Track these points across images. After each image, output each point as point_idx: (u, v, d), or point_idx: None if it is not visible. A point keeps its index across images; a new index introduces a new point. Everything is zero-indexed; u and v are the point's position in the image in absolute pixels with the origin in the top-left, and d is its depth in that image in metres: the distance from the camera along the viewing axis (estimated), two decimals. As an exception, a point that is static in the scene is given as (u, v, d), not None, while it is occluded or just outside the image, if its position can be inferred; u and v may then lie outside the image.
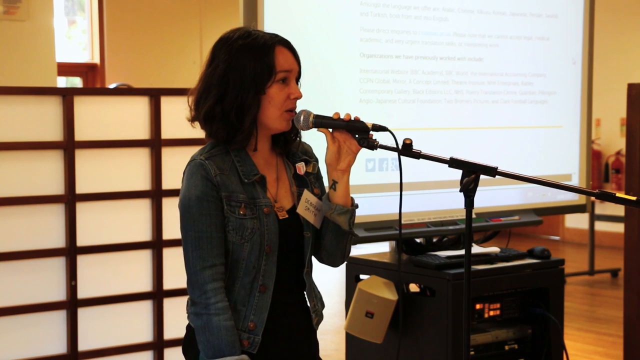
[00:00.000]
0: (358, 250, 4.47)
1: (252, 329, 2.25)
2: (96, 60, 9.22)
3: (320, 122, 2.28)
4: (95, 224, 3.95)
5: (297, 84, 2.32)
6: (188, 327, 2.33)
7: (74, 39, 9.67)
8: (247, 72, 2.24)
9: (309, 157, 2.41)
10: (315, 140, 2.46)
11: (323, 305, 2.45)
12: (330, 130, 2.29)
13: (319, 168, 2.42)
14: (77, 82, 9.43)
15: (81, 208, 3.91)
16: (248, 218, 2.24)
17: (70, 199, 3.87)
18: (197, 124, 2.32)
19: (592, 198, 4.56)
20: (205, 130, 2.30)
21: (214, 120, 2.26)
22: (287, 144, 2.37)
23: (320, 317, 2.42)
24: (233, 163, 2.27)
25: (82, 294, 3.92)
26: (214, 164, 2.24)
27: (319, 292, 2.44)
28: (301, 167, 2.37)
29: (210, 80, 2.27)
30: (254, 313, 2.26)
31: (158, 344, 4.10)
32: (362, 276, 3.76)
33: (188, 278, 2.25)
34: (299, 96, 2.29)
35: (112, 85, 8.48)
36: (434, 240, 3.96)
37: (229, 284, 2.27)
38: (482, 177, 2.25)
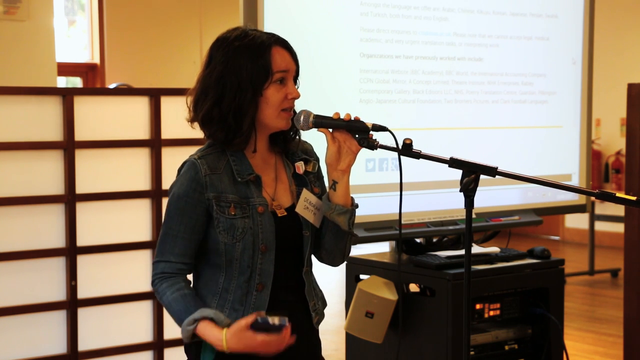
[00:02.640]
0: (358, 250, 4.46)
1: (250, 328, 2.26)
2: (96, 60, 9.22)
3: (321, 122, 2.28)
4: (95, 224, 3.95)
5: (296, 83, 2.32)
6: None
7: (74, 39, 9.67)
8: (244, 73, 2.23)
9: (309, 156, 2.41)
10: (316, 140, 2.45)
11: (325, 305, 2.44)
12: (331, 130, 2.29)
13: (319, 167, 2.42)
14: (77, 82, 9.43)
15: (81, 208, 3.91)
16: (238, 218, 2.24)
17: (70, 199, 3.87)
18: (196, 124, 2.32)
19: (592, 198, 4.56)
20: (204, 132, 2.31)
21: (212, 123, 2.26)
22: (286, 142, 2.37)
23: (321, 316, 2.42)
24: (228, 162, 2.28)
25: (82, 294, 3.92)
26: (207, 163, 2.25)
27: (320, 291, 2.44)
28: (300, 166, 2.37)
29: (208, 81, 2.27)
30: (252, 312, 2.26)
31: (158, 344, 4.10)
32: (362, 276, 3.76)
33: None
34: (297, 96, 2.29)
35: (112, 85, 8.48)
36: (434, 240, 3.96)
37: (226, 285, 2.27)
38: (482, 177, 2.25)
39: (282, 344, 2.16)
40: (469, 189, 2.23)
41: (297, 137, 2.38)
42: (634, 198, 2.23)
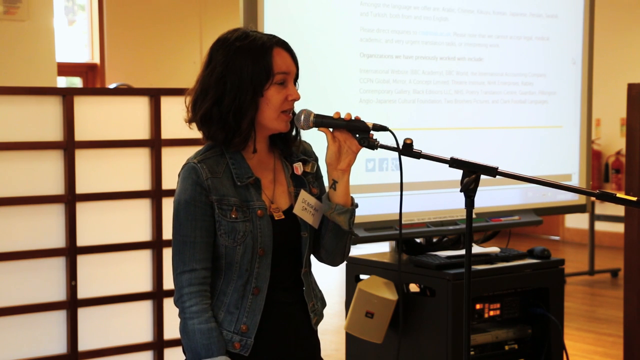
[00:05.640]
0: (358, 250, 4.47)
1: (244, 331, 2.26)
2: (96, 60, 9.22)
3: (321, 121, 2.28)
4: (95, 224, 3.95)
5: (295, 85, 2.32)
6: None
7: (74, 39, 9.66)
8: (244, 74, 2.23)
9: (308, 156, 2.41)
10: (316, 140, 2.45)
11: (324, 305, 2.44)
12: (331, 129, 2.29)
13: (318, 167, 2.42)
14: (77, 82, 9.43)
15: (81, 208, 3.91)
16: (240, 221, 2.24)
17: (70, 199, 3.87)
18: (193, 125, 2.32)
19: (592, 198, 4.56)
20: (202, 133, 2.30)
21: (212, 123, 2.26)
22: (285, 143, 2.37)
23: (319, 317, 2.41)
24: (227, 166, 2.27)
25: (82, 294, 3.92)
26: (207, 167, 2.25)
27: (319, 292, 2.44)
28: (298, 167, 2.37)
29: (208, 82, 2.27)
30: (247, 315, 2.26)
31: (158, 344, 4.10)
32: (362, 276, 3.76)
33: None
34: (297, 98, 2.29)
35: (112, 85, 8.48)
36: (434, 240, 3.96)
37: (224, 287, 2.27)
38: (482, 177, 2.25)
39: None
40: (469, 189, 2.23)
41: (298, 138, 2.38)
42: (634, 198, 2.23)
